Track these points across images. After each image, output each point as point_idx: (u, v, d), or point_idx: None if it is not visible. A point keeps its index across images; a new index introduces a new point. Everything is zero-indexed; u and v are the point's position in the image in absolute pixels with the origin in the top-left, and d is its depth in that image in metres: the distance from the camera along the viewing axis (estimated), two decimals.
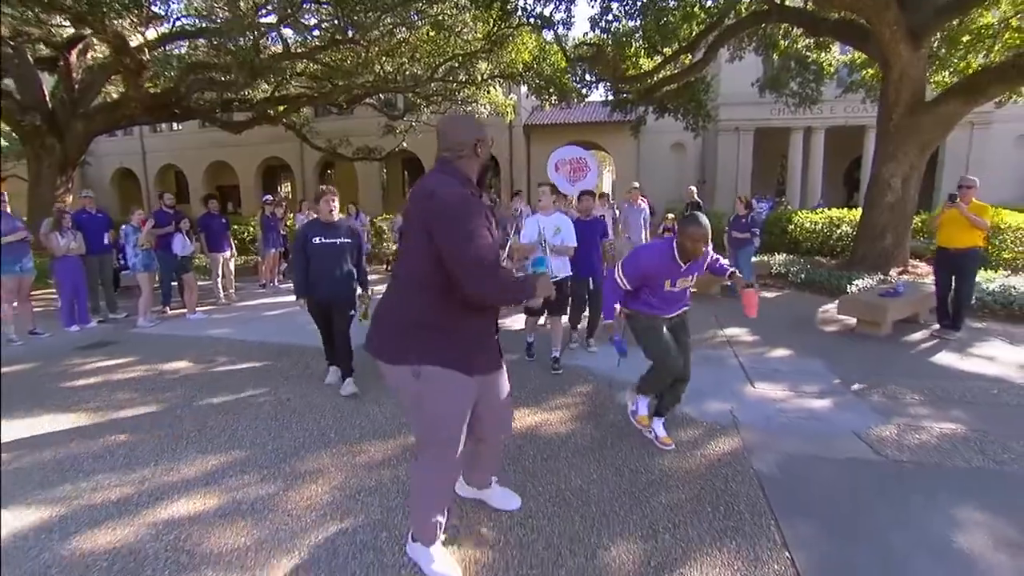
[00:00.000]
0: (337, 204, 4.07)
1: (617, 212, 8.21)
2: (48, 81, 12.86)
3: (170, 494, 2.65)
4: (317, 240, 3.91)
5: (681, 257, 2.80)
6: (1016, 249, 8.47)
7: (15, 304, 5.72)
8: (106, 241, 6.58)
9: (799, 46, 11.74)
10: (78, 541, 2.29)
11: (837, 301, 6.10)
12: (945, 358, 4.73)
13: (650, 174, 17.79)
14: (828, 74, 12.29)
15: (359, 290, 4.10)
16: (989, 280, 6.79)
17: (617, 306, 2.98)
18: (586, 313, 5.21)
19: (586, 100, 14.94)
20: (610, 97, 12.85)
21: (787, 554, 2.15)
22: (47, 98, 12.21)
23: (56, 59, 12.22)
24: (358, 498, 2.57)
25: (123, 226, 6.62)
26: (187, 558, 2.16)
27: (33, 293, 6.23)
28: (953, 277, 5.34)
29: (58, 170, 12.50)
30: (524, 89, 14.13)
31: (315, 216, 4.29)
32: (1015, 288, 6.25)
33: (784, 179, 18.50)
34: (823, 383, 4.10)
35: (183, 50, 11.58)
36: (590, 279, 4.90)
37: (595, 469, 2.85)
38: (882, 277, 7.46)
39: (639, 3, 8.56)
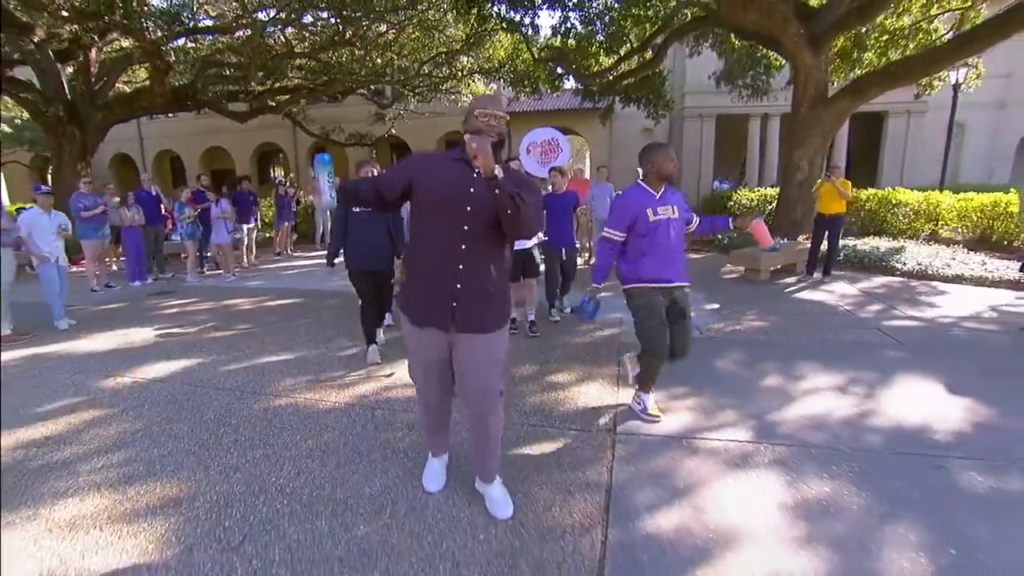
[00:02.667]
0: (376, 173, 4.09)
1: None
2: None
3: (280, 372, 4.50)
4: (358, 209, 4.04)
5: (652, 185, 2.95)
6: (904, 221, 10.45)
7: (96, 263, 7.47)
8: (163, 212, 8.34)
9: (748, 44, 13.56)
10: (214, 379, 4.14)
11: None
12: (797, 292, 6.68)
13: (622, 157, 19.61)
14: (776, 67, 14.14)
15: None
16: (866, 242, 8.76)
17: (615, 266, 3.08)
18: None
19: (560, 90, 16.67)
20: (579, 87, 14.62)
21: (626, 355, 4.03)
22: (67, 90, 13.70)
23: (73, 52, 13.69)
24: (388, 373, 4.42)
25: (174, 202, 8.34)
26: (282, 397, 4.02)
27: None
28: (827, 235, 7.27)
29: (79, 156, 14.03)
30: (503, 81, 15.83)
31: None
32: (869, 248, 8.23)
33: (745, 161, 20.42)
34: (693, 303, 6.02)
35: (198, 46, 13.09)
36: (563, 248, 5.33)
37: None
38: (782, 240, 9.41)
39: (592, 12, 10.32)
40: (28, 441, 3.07)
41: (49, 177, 23.34)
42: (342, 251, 4.22)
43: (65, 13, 8.70)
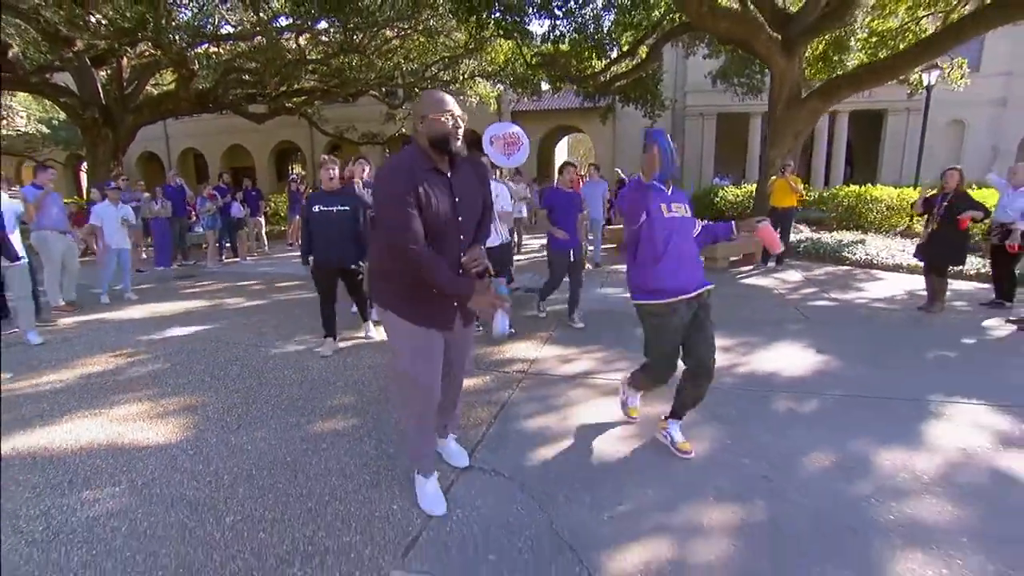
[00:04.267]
0: (336, 172, 4.36)
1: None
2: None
3: (279, 332, 5.54)
4: (316, 208, 4.26)
5: (657, 176, 2.51)
6: (879, 216, 11.10)
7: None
8: (187, 206, 9.52)
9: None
10: (232, 335, 5.19)
11: None
12: (746, 279, 7.48)
13: (625, 153, 20.40)
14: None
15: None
16: (833, 235, 9.48)
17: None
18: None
19: (561, 90, 17.52)
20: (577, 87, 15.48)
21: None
22: (101, 95, 15.08)
23: (107, 59, 15.05)
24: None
25: (197, 196, 9.49)
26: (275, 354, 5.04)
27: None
28: (779, 228, 8.05)
29: (111, 156, 15.40)
30: (504, 83, 16.76)
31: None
32: (833, 240, 8.96)
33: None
34: None
35: (220, 51, 14.32)
36: (571, 250, 4.91)
37: None
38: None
39: (578, 21, 11.19)
40: (89, 374, 4.14)
41: (82, 175, 25.15)
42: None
43: (104, 31, 9.90)
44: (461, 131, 2.04)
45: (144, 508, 2.41)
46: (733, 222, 2.82)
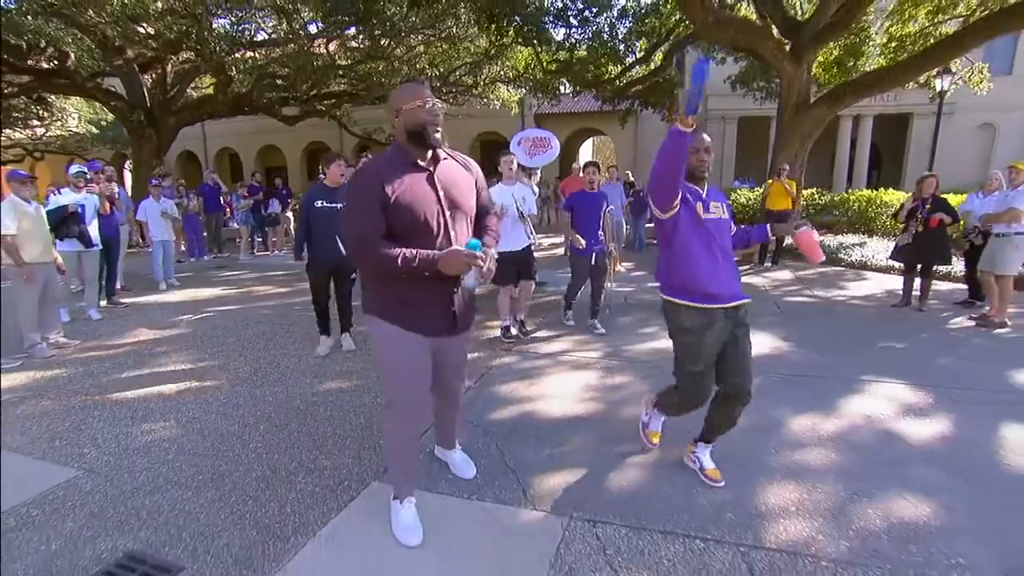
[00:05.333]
0: (342, 169, 4.28)
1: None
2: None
3: (300, 312, 6.28)
4: (319, 203, 4.18)
5: (691, 179, 2.39)
6: (889, 220, 11.31)
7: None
8: (222, 202, 10.45)
9: None
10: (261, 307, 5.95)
11: None
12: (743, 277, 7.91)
13: (646, 156, 20.77)
14: None
15: None
16: (837, 238, 9.81)
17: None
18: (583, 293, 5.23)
19: (581, 94, 18.05)
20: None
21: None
22: (147, 98, 16.29)
23: (152, 65, 16.26)
24: None
25: (231, 194, 10.41)
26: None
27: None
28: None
29: (154, 155, 16.61)
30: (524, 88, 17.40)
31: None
32: (836, 242, 9.31)
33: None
34: (643, 281, 7.39)
35: (256, 56, 15.37)
36: (592, 254, 4.80)
37: None
38: None
39: (591, 31, 11.76)
40: (140, 342, 4.95)
41: (126, 172, 26.78)
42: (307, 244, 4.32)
43: (153, 43, 10.93)
44: (439, 120, 1.95)
45: (188, 437, 3.11)
46: (768, 225, 2.76)
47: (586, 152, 28.82)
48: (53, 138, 23.77)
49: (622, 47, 12.22)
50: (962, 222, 6.19)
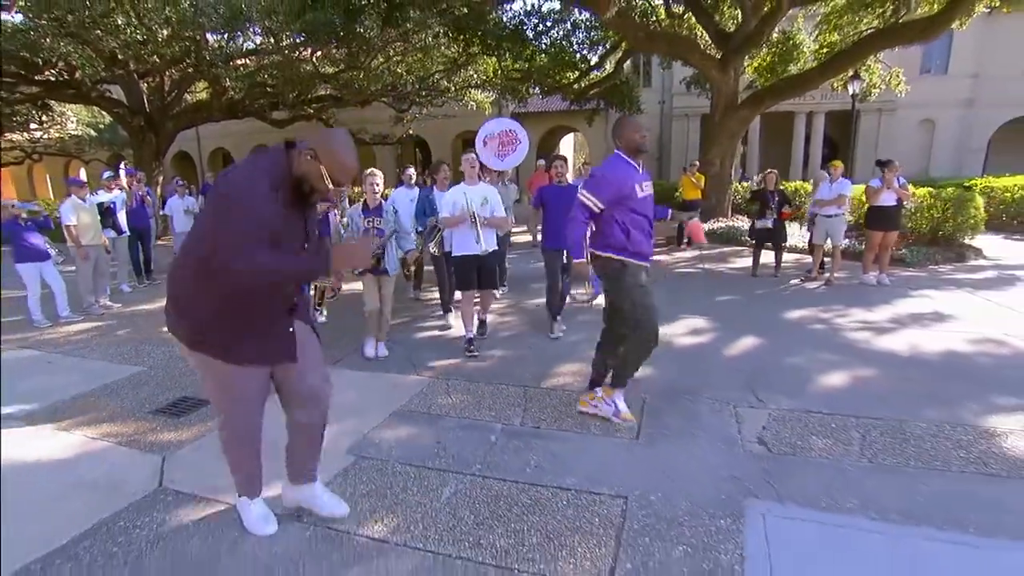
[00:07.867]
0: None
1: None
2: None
3: None
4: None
5: (631, 155, 2.97)
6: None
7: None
8: None
9: None
10: None
11: None
12: (655, 256, 9.64)
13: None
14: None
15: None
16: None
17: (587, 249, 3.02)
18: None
19: (551, 94, 19.72)
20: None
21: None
22: (146, 103, 17.95)
23: (151, 73, 17.91)
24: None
25: None
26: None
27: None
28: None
29: (152, 157, 18.28)
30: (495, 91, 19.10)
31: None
32: (737, 225, 11.06)
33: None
34: None
35: (246, 63, 17.03)
36: (565, 251, 4.76)
37: None
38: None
39: (544, 44, 13.47)
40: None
41: (122, 172, 28.41)
42: None
43: (156, 60, 12.61)
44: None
45: None
46: (669, 208, 3.38)
47: (566, 149, 30.52)
48: (52, 140, 25.39)
49: (577, 56, 13.90)
50: (803, 209, 7.94)
